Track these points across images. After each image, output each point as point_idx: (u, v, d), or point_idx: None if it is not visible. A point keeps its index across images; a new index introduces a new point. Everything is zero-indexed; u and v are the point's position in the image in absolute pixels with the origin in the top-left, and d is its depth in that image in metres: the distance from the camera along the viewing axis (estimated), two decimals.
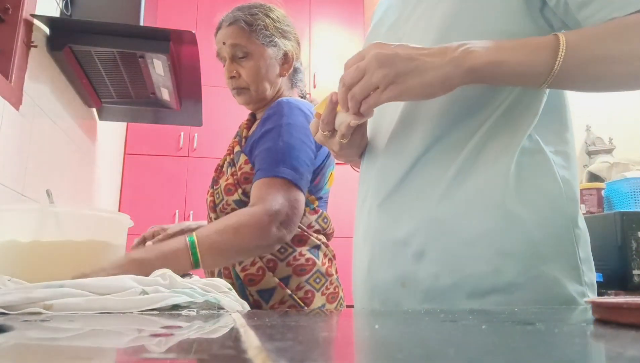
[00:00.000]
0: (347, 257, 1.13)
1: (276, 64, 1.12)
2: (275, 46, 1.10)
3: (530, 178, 0.65)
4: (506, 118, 0.66)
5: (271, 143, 1.01)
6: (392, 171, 0.73)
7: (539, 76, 0.58)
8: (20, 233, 0.71)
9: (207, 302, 0.60)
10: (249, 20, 1.09)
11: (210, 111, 2.83)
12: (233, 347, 0.29)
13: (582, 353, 0.28)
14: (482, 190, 0.65)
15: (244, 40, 1.08)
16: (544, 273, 0.62)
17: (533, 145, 0.66)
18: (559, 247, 0.63)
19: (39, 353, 0.30)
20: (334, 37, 3.59)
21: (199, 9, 3.41)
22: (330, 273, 1.10)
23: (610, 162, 2.57)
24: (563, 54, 0.57)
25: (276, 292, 1.03)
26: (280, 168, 0.98)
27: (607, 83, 0.60)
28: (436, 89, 0.60)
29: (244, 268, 1.04)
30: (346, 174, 2.17)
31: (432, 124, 0.69)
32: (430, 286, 0.66)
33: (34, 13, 1.36)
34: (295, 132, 1.02)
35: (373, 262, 0.74)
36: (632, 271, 1.82)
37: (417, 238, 0.68)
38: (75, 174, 1.88)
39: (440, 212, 0.66)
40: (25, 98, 1.33)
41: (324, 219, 1.13)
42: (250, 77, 1.09)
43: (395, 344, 0.33)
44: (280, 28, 1.13)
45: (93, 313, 0.52)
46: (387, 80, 0.59)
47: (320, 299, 1.06)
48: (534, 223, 0.63)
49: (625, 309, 0.35)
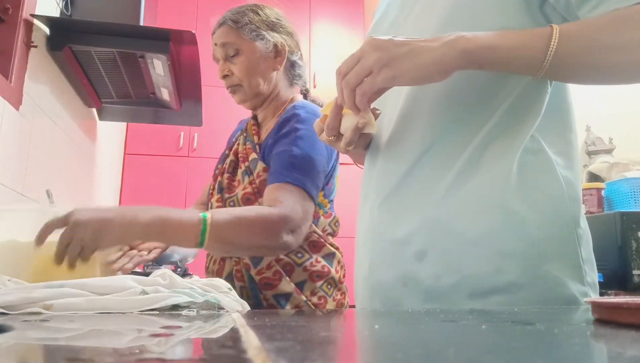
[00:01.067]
0: (344, 257, 1.13)
1: (267, 57, 1.10)
2: (262, 39, 1.09)
3: (532, 178, 0.65)
4: (508, 119, 0.66)
5: (288, 148, 1.00)
6: (393, 171, 0.72)
7: (534, 61, 0.58)
8: (20, 233, 0.71)
9: (207, 302, 0.59)
10: (235, 18, 1.09)
11: (210, 111, 2.83)
12: (233, 347, 0.29)
13: (582, 353, 0.28)
14: (483, 190, 0.65)
15: (232, 37, 1.08)
16: (546, 273, 0.62)
17: (535, 145, 0.66)
18: (561, 247, 0.63)
19: (39, 353, 0.30)
20: (334, 37, 3.59)
21: (199, 9, 3.41)
22: (341, 281, 1.10)
23: (610, 162, 2.57)
24: (556, 40, 0.57)
25: (292, 297, 1.01)
26: (296, 175, 0.97)
27: (607, 73, 0.59)
28: (431, 71, 0.59)
29: (259, 271, 1.01)
30: (348, 174, 2.16)
31: (432, 123, 0.69)
32: (431, 286, 0.66)
33: (34, 13, 1.36)
34: (311, 141, 1.01)
35: (374, 262, 0.74)
36: (632, 271, 1.82)
37: (418, 238, 0.68)
38: (75, 174, 1.88)
39: (441, 212, 0.66)
40: (25, 98, 1.33)
41: (335, 222, 1.13)
42: (242, 73, 1.09)
43: (395, 344, 0.33)
44: (268, 21, 1.12)
45: (93, 313, 0.52)
46: (381, 63, 0.59)
47: (331, 305, 1.06)
48: (536, 223, 0.63)
49: (625, 309, 0.35)
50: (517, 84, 0.66)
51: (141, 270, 1.73)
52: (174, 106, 1.98)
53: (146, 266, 1.72)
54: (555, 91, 0.68)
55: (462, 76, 0.64)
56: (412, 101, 0.71)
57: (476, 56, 0.59)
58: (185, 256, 1.79)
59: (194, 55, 1.70)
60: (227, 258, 1.06)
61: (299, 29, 4.08)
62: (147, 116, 2.19)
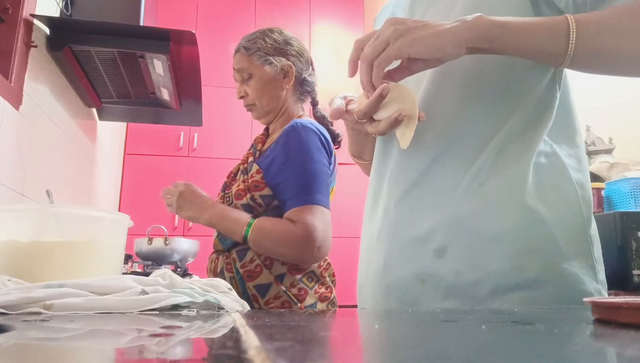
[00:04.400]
0: (344, 257, 1.14)
1: (276, 79, 1.26)
2: (271, 64, 1.25)
3: (548, 179, 0.66)
4: (524, 122, 0.67)
5: (299, 172, 1.15)
6: (409, 169, 0.73)
7: (552, 45, 0.58)
8: (20, 233, 0.71)
9: (207, 302, 0.59)
10: (247, 46, 1.27)
11: (210, 111, 2.83)
12: (233, 347, 0.29)
13: (582, 353, 0.28)
14: (503, 189, 0.66)
15: (244, 63, 1.26)
16: (565, 271, 0.63)
17: (548, 148, 0.67)
18: (578, 246, 0.65)
19: (39, 353, 0.30)
20: (334, 37, 3.59)
21: (199, 9, 3.41)
22: (323, 276, 1.20)
23: (610, 162, 2.57)
24: (574, 23, 0.57)
25: (272, 288, 1.13)
26: (313, 195, 1.13)
27: (624, 61, 0.59)
28: (445, 42, 0.60)
29: (243, 264, 1.15)
30: (345, 176, 2.15)
31: (451, 122, 0.70)
32: (452, 283, 0.66)
33: (34, 13, 1.36)
34: (316, 157, 1.16)
35: (389, 260, 0.74)
36: (632, 271, 1.82)
37: (438, 235, 0.68)
38: (75, 174, 1.88)
39: (462, 209, 0.67)
40: (25, 98, 1.33)
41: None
42: (254, 94, 1.27)
43: (395, 344, 0.33)
44: (276, 47, 1.27)
45: (93, 313, 0.52)
46: (397, 33, 0.60)
47: (313, 297, 1.16)
48: (555, 222, 0.64)
49: (625, 309, 0.35)
50: (533, 86, 0.67)
51: (141, 270, 1.73)
52: (174, 106, 1.98)
53: (146, 267, 1.73)
54: (561, 94, 0.69)
55: (479, 75, 0.65)
56: (429, 98, 0.71)
57: (487, 31, 0.59)
58: (186, 256, 1.79)
59: (194, 55, 1.70)
60: (220, 255, 1.21)
61: (299, 29, 4.07)
62: (147, 116, 2.19)
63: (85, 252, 0.74)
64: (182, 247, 1.76)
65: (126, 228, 0.83)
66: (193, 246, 1.80)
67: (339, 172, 1.26)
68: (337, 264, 1.36)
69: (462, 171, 0.68)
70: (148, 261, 1.73)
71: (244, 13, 3.48)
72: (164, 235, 1.72)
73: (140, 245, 1.72)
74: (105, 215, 0.82)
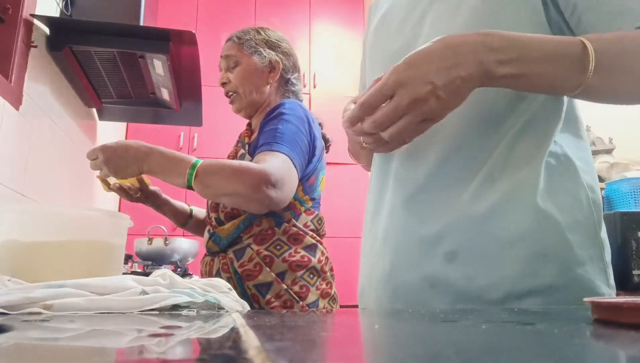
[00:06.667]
0: (341, 257, 1.13)
1: (262, 70, 1.25)
2: (260, 55, 1.25)
3: (559, 181, 0.65)
4: (534, 122, 0.66)
5: (273, 126, 1.11)
6: (416, 170, 0.71)
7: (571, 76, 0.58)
8: (20, 233, 0.71)
9: (207, 302, 0.59)
10: (240, 35, 1.27)
11: (210, 111, 2.83)
12: (233, 347, 0.29)
13: (582, 353, 0.28)
14: (514, 191, 0.64)
15: (234, 50, 1.25)
16: (579, 276, 0.62)
17: (558, 149, 0.66)
18: (591, 250, 0.64)
19: (39, 353, 0.30)
20: (334, 37, 3.59)
21: (199, 9, 3.41)
22: (324, 271, 1.16)
23: (610, 162, 2.57)
24: (591, 46, 0.56)
25: (273, 286, 1.09)
26: (282, 145, 1.07)
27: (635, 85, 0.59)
28: (463, 92, 0.58)
29: (241, 264, 1.11)
30: (339, 176, 2.15)
31: (457, 125, 0.68)
32: (462, 288, 0.64)
33: (34, 13, 1.36)
34: (294, 121, 1.13)
35: (396, 262, 0.71)
36: (632, 271, 1.82)
37: (448, 238, 0.66)
38: (75, 174, 1.88)
39: (472, 211, 0.65)
40: (25, 98, 1.33)
41: (318, 220, 1.20)
42: (238, 80, 1.24)
43: (395, 344, 0.33)
44: (267, 40, 1.27)
45: (93, 313, 0.52)
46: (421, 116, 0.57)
47: (315, 294, 1.12)
48: (568, 226, 0.63)
49: (625, 309, 0.35)
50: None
51: (141, 270, 1.73)
52: (174, 106, 1.98)
53: (146, 267, 1.73)
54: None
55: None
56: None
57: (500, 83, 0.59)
58: (186, 256, 1.79)
59: (194, 55, 1.70)
60: (215, 257, 1.16)
61: (299, 29, 4.07)
62: (147, 116, 2.19)
63: (85, 252, 0.74)
64: (182, 247, 1.76)
65: (126, 228, 0.83)
66: (193, 246, 1.80)
67: (339, 172, 1.26)
68: (337, 264, 1.36)
69: (471, 172, 0.67)
70: (148, 261, 1.73)
71: (244, 13, 3.48)
72: (164, 235, 1.72)
73: (140, 245, 1.72)
74: (105, 215, 0.82)
